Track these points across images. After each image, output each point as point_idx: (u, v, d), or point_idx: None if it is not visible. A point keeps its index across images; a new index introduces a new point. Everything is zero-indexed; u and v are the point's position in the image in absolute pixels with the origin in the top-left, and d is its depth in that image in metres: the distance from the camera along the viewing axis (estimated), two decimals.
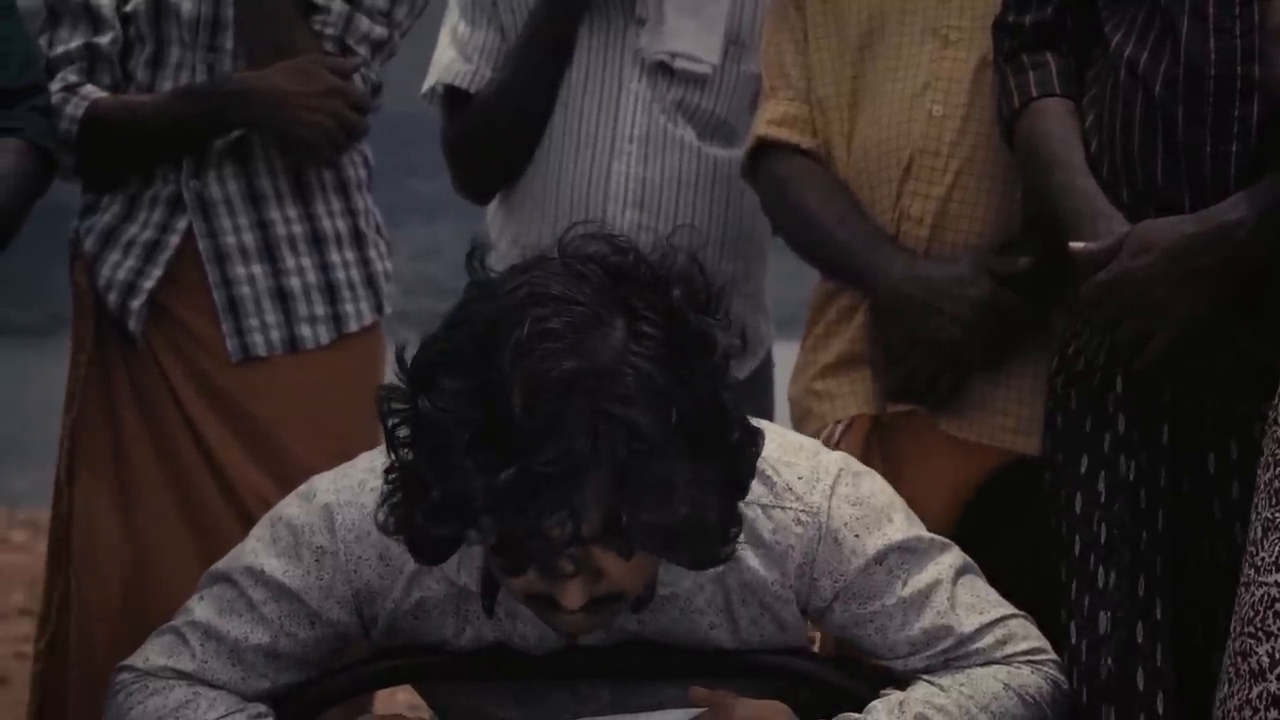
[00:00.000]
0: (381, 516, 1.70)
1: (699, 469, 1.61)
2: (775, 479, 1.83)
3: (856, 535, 1.83)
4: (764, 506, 1.82)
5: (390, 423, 1.65)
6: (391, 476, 1.68)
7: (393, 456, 1.67)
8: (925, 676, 1.85)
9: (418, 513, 1.63)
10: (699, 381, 1.62)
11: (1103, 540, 2.00)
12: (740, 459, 1.68)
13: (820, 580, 1.84)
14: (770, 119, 2.44)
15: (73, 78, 2.57)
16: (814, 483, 1.84)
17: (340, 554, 1.82)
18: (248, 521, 2.39)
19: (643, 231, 2.56)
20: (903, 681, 1.86)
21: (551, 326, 1.59)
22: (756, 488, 1.80)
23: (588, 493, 1.57)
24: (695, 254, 1.69)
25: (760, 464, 1.81)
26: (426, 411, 1.60)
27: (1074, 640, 2.00)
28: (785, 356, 2.73)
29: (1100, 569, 1.99)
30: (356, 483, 1.84)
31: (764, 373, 2.81)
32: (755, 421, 1.83)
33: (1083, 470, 2.04)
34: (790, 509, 1.82)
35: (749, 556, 1.82)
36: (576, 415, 1.56)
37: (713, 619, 1.84)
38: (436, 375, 1.61)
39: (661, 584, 1.81)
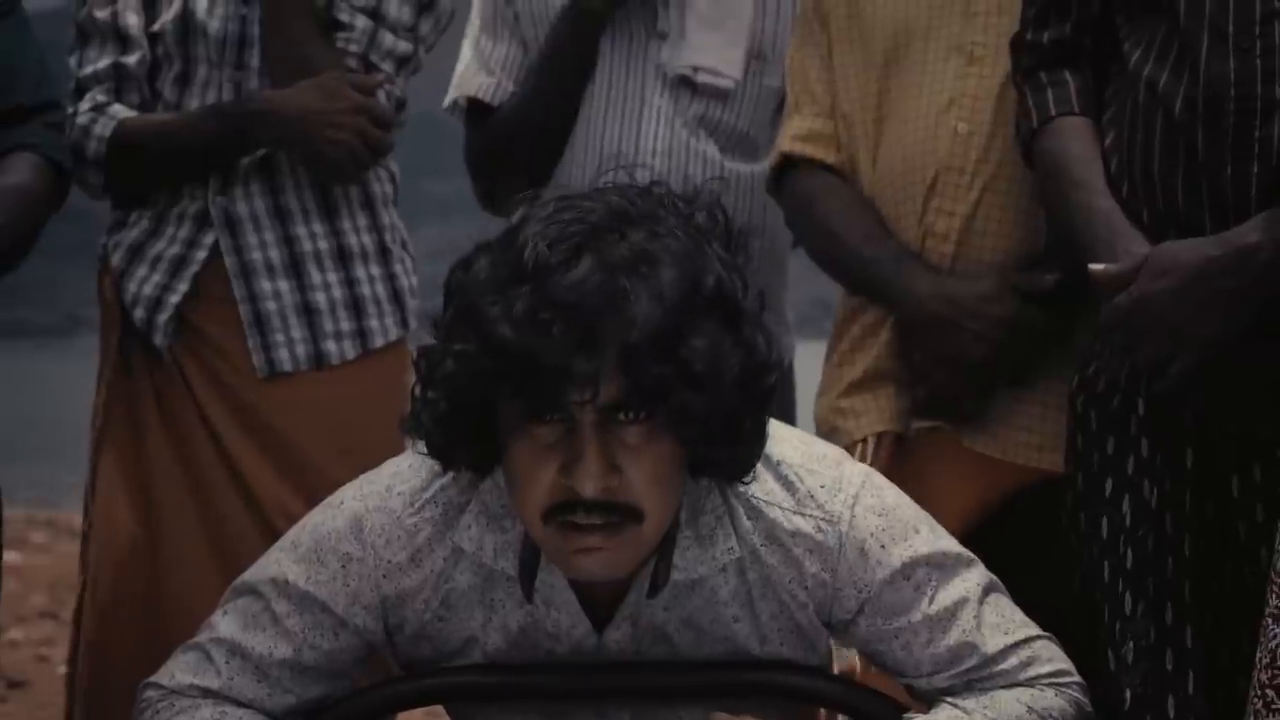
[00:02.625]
0: (408, 424, 1.76)
1: (715, 336, 1.67)
2: (798, 485, 1.84)
3: (882, 546, 1.83)
4: (784, 510, 1.83)
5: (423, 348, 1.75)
6: (418, 384, 1.74)
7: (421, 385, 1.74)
8: (948, 699, 1.85)
9: (448, 363, 1.69)
10: (718, 272, 1.69)
11: (1128, 565, 1.99)
12: (760, 356, 1.71)
13: (844, 590, 1.83)
14: (795, 134, 2.45)
15: (101, 98, 2.59)
16: (835, 492, 1.84)
17: (369, 560, 1.83)
18: (272, 535, 2.40)
19: None
20: (925, 704, 1.86)
21: (578, 205, 1.70)
22: (778, 491, 1.82)
23: (603, 325, 1.63)
24: (721, 199, 1.78)
25: (783, 469, 1.83)
26: (458, 284, 1.71)
27: (1104, 665, 2.00)
28: (800, 358, 2.73)
29: (1127, 595, 1.98)
30: (384, 488, 1.86)
31: (784, 383, 2.82)
32: (781, 426, 1.86)
33: (1107, 494, 2.04)
34: (810, 516, 1.83)
35: (768, 554, 1.82)
36: (593, 257, 1.65)
37: (736, 611, 1.84)
38: (471, 261, 1.72)
39: (677, 568, 1.81)
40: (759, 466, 1.81)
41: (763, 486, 1.82)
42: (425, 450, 1.78)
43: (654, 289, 1.64)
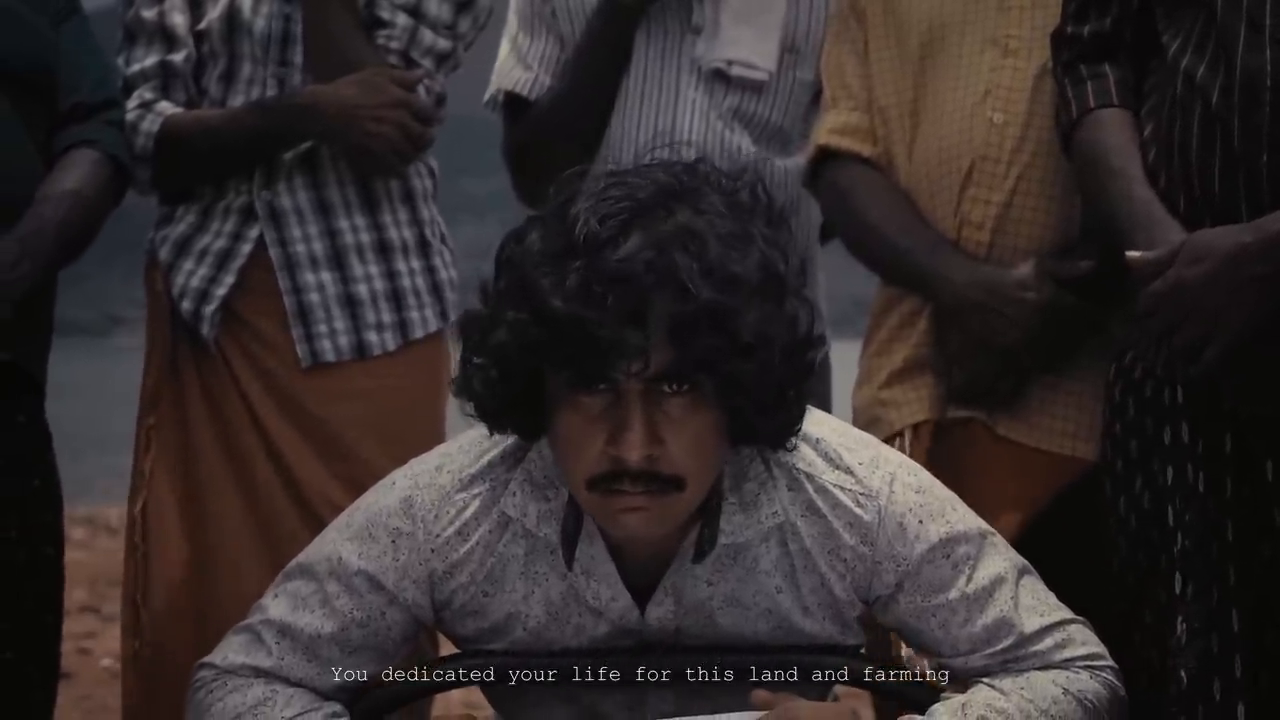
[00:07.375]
0: (457, 387, 1.80)
1: (762, 308, 1.70)
2: (838, 461, 1.87)
3: (920, 521, 1.86)
4: (825, 482, 1.86)
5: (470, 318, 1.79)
6: (467, 350, 1.78)
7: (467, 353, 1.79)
8: (985, 680, 1.87)
9: (500, 331, 1.73)
10: (762, 247, 1.73)
11: (1177, 548, 1.99)
12: (802, 328, 1.75)
13: (883, 564, 1.86)
14: (832, 128, 2.47)
15: (149, 95, 2.64)
16: (874, 468, 1.87)
17: (418, 535, 1.87)
18: (314, 522, 2.44)
19: None
20: (961, 685, 1.88)
21: (626, 181, 1.73)
22: (819, 463, 1.86)
23: (654, 298, 1.67)
24: (763, 179, 1.82)
25: (823, 446, 1.87)
26: (510, 255, 1.75)
27: (1147, 649, 2.00)
28: (836, 356, 2.74)
29: (1177, 576, 1.99)
30: (433, 467, 1.90)
31: (820, 377, 2.83)
32: (819, 412, 1.89)
33: (1148, 479, 2.04)
34: (850, 490, 1.86)
35: (808, 525, 1.85)
36: (641, 233, 1.68)
37: (779, 582, 1.87)
38: (523, 234, 1.75)
39: (724, 533, 1.84)
40: (800, 442, 1.84)
41: (804, 458, 1.85)
42: (473, 413, 1.82)
43: (703, 263, 1.68)
